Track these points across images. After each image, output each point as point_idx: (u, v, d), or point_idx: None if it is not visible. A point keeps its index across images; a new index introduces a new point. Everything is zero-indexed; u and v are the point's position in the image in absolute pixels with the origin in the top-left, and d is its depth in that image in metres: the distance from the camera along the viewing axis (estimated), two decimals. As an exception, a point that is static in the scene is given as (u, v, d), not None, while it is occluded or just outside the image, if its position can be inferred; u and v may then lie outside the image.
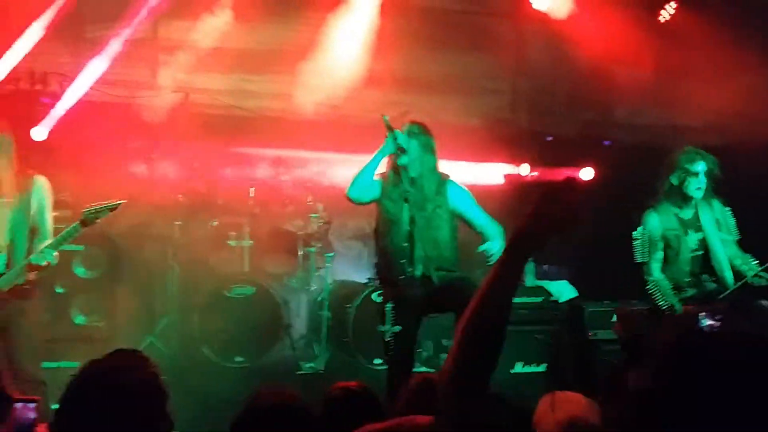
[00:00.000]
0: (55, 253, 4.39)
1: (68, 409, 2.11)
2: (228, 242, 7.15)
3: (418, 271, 4.77)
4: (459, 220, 5.02)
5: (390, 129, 4.81)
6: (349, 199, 4.98)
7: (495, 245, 4.75)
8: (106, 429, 2.05)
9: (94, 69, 7.16)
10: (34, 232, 4.49)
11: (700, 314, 4.52)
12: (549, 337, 6.49)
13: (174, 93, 7.64)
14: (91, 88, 7.35)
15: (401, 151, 4.82)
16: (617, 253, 6.12)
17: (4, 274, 4.37)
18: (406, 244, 4.75)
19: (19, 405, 2.55)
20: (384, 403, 3.18)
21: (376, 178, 4.97)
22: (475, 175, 7.82)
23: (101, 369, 2.14)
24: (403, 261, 4.74)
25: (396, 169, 4.89)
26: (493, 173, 8.29)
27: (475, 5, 8.24)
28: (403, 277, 4.73)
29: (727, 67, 7.51)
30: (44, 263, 4.34)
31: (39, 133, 6.90)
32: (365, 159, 5.06)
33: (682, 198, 5.27)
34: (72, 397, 2.11)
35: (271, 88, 7.83)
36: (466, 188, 5.11)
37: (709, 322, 4.16)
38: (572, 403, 2.59)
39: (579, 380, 5.97)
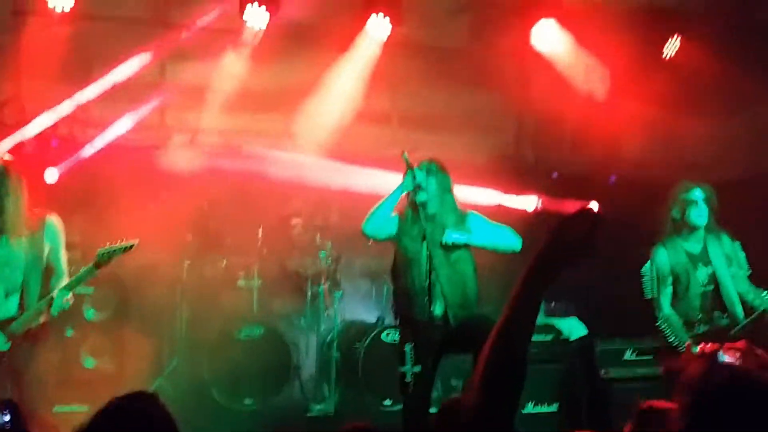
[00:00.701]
0: (69, 296, 4.39)
1: None
2: (237, 282, 7.15)
3: (439, 310, 4.74)
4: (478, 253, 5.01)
5: (409, 166, 4.81)
6: (365, 235, 4.95)
7: None
8: None
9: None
10: (48, 273, 4.49)
11: (718, 351, 4.47)
12: (561, 376, 6.42)
13: (181, 134, 7.69)
14: (98, 129, 7.42)
15: (419, 188, 4.82)
16: (626, 290, 6.10)
17: (18, 317, 4.36)
18: (426, 283, 4.72)
19: None
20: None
21: (393, 215, 4.96)
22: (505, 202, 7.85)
23: (116, 412, 2.13)
24: (424, 300, 4.71)
25: (414, 207, 4.88)
26: (524, 202, 8.28)
27: (479, 43, 8.29)
28: (422, 317, 4.70)
29: (732, 101, 7.55)
30: (59, 309, 4.33)
31: (51, 175, 6.94)
32: (374, 197, 5.07)
33: (687, 229, 5.26)
34: None
35: (278, 127, 7.87)
36: (483, 217, 5.10)
37: (728, 359, 4.11)
38: None
39: (592, 420, 5.90)
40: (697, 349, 4.75)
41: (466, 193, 6.88)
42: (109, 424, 2.11)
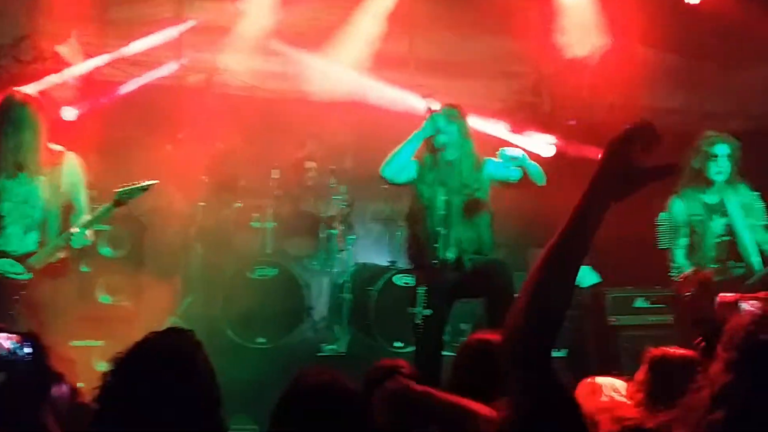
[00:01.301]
0: (89, 233, 4.44)
1: (122, 388, 2.00)
2: (251, 224, 7.19)
3: (453, 255, 4.76)
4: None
5: (430, 111, 4.78)
6: (383, 179, 4.93)
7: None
8: (162, 412, 1.96)
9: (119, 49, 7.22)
10: (68, 210, 4.53)
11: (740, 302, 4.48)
12: (570, 322, 6.46)
13: (198, 74, 7.66)
14: (116, 68, 7.40)
15: (439, 133, 4.80)
16: (640, 239, 6.09)
17: (37, 251, 4.41)
18: (440, 229, 4.73)
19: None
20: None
21: (412, 159, 4.94)
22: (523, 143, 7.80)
23: (165, 348, 2.07)
24: (437, 246, 4.73)
25: (433, 153, 4.86)
26: (541, 144, 8.19)
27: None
28: (436, 261, 4.73)
29: (754, 51, 7.42)
30: (79, 245, 4.38)
31: (69, 113, 6.93)
32: (389, 142, 5.06)
33: (704, 182, 5.23)
34: (129, 375, 2.01)
35: (294, 69, 7.81)
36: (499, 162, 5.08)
37: (749, 308, 4.11)
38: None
39: (601, 367, 5.95)
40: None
41: (484, 126, 6.86)
42: (147, 357, 2.05)
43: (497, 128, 7.80)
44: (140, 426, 1.94)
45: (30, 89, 4.59)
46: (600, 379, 2.93)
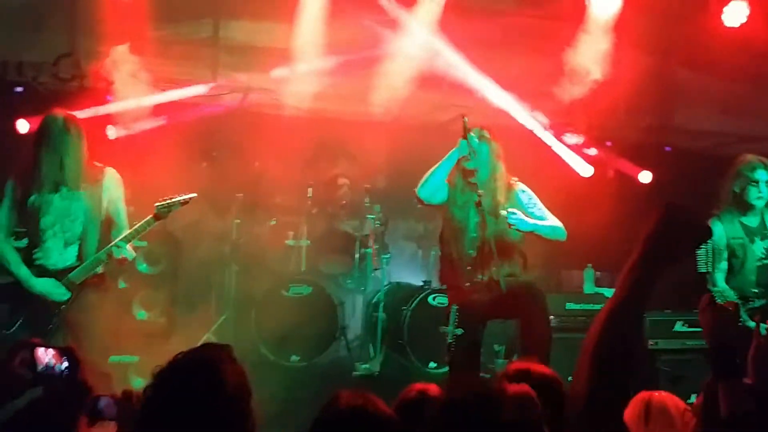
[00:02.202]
0: (130, 247, 4.48)
1: (158, 399, 2.09)
2: (286, 242, 7.22)
3: (486, 277, 4.73)
4: None
5: (467, 131, 4.76)
6: (419, 199, 4.90)
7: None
8: (197, 424, 2.04)
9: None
10: (107, 225, 4.59)
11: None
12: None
13: (233, 93, 7.73)
14: (152, 85, 7.49)
15: (472, 154, 4.78)
16: (679, 262, 6.00)
17: (77, 266, 4.46)
18: (472, 251, 4.72)
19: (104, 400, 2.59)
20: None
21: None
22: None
23: (195, 361, 2.13)
24: (469, 268, 4.71)
25: (464, 174, 4.84)
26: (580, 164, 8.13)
27: (534, 9, 8.15)
28: (469, 283, 4.71)
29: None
30: (120, 256, 4.43)
31: (112, 131, 7.03)
32: (422, 161, 5.05)
33: (744, 206, 5.17)
34: (164, 387, 2.09)
35: (331, 88, 7.85)
36: (532, 192, 5.05)
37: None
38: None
39: (638, 390, 5.86)
40: (765, 327, 4.66)
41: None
42: (183, 373, 2.11)
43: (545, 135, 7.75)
44: None
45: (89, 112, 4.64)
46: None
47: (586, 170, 8.03)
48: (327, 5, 7.17)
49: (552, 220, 4.93)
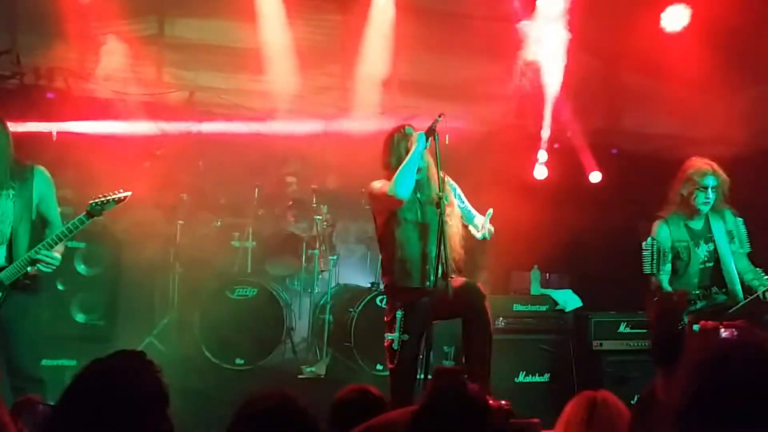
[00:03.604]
0: (56, 252, 4.32)
1: (68, 409, 2.07)
2: (231, 243, 7.12)
3: (435, 277, 4.64)
4: None
5: (433, 130, 4.66)
6: (396, 200, 4.66)
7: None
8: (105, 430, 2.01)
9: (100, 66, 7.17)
10: (41, 225, 4.43)
11: (720, 329, 4.45)
12: (553, 347, 6.41)
13: (179, 91, 7.60)
14: (95, 84, 7.33)
15: (438, 152, 4.69)
16: (622, 263, 6.06)
17: (5, 267, 4.30)
18: (432, 250, 4.63)
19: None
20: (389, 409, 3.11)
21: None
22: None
23: (104, 370, 2.11)
24: (426, 266, 4.65)
25: (419, 172, 4.77)
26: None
27: (484, 10, 8.18)
28: (418, 285, 4.64)
29: (736, 78, 7.45)
30: (47, 264, 4.27)
31: (54, 131, 6.86)
32: (372, 162, 4.98)
33: (691, 210, 5.21)
34: (72, 397, 2.08)
35: (277, 88, 7.77)
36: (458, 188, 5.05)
37: (727, 335, 4.09)
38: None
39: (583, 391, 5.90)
40: (698, 327, 4.72)
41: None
42: (95, 382, 2.10)
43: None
44: None
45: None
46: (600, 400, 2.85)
47: (539, 173, 8.09)
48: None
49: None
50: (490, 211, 4.82)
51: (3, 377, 4.19)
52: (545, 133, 8.06)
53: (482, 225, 4.81)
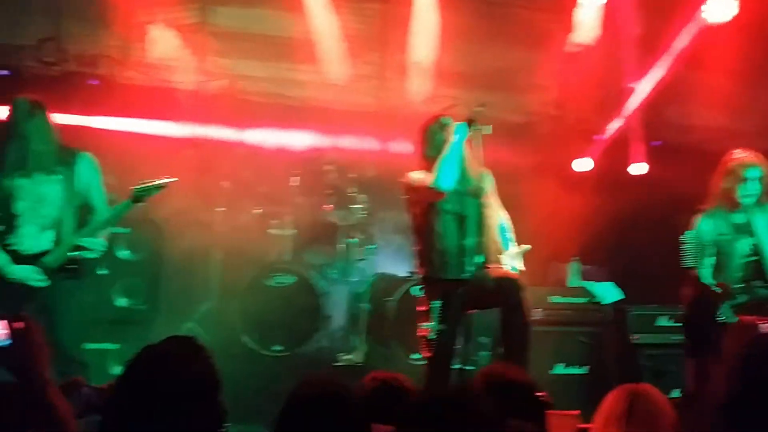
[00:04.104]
0: (105, 234, 4.41)
1: (122, 395, 2.10)
2: (270, 231, 7.16)
3: (474, 267, 4.64)
4: None
5: (474, 121, 4.63)
6: (436, 192, 4.65)
7: None
8: (161, 418, 2.04)
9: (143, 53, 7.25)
10: (87, 210, 4.52)
11: (759, 323, 4.40)
12: (591, 339, 6.37)
13: (220, 80, 7.66)
14: (138, 72, 7.42)
15: (477, 143, 4.67)
16: (662, 256, 5.99)
17: (52, 251, 4.39)
18: (471, 241, 4.62)
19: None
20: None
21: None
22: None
23: (156, 355, 2.14)
24: (466, 258, 4.64)
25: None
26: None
27: (526, 0, 8.12)
28: (456, 275, 4.63)
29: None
30: (90, 249, 4.36)
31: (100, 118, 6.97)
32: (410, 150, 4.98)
33: (733, 203, 5.13)
34: (126, 383, 2.11)
35: (318, 78, 7.80)
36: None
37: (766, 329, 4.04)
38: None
39: (621, 384, 5.85)
40: (736, 320, 4.67)
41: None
42: (149, 367, 2.13)
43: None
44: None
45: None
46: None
47: (582, 164, 8.03)
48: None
49: None
50: (527, 247, 4.81)
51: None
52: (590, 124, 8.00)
53: (513, 256, 4.79)
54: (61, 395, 2.44)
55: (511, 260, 4.86)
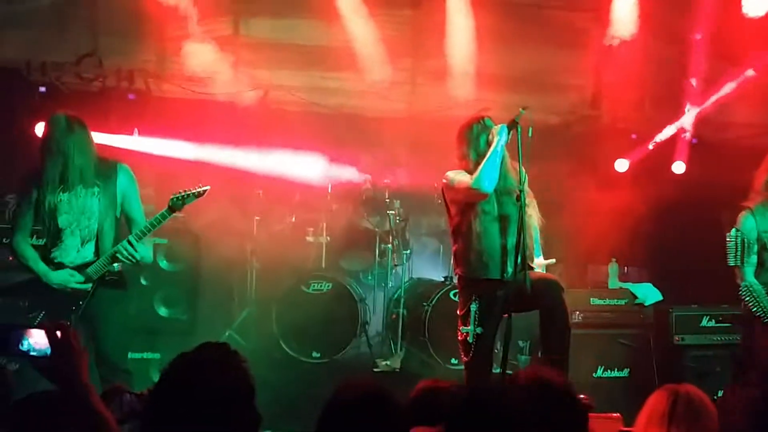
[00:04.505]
0: (147, 244, 4.48)
1: (157, 402, 2.13)
2: (306, 238, 7.20)
3: (511, 270, 4.59)
4: None
5: (516, 124, 4.61)
6: (478, 193, 4.61)
7: None
8: (195, 423, 2.06)
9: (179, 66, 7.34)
10: (126, 222, 4.59)
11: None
12: (633, 341, 6.29)
13: (254, 90, 7.72)
14: (175, 85, 7.51)
15: (520, 145, 4.63)
16: (704, 255, 5.89)
17: (94, 262, 4.47)
18: (512, 242, 4.57)
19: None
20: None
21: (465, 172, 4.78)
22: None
23: (190, 362, 2.16)
24: (506, 259, 4.60)
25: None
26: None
27: (557, 0, 8.07)
28: (495, 277, 4.61)
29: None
30: (129, 258, 4.43)
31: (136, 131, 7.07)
32: (442, 155, 4.97)
33: (777, 199, 5.03)
34: (161, 391, 2.13)
35: (350, 86, 7.83)
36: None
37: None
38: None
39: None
40: None
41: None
42: (183, 374, 2.14)
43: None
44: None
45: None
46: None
47: (621, 165, 7.95)
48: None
49: None
50: (552, 261, 4.87)
51: (92, 368, 4.35)
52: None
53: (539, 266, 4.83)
54: (103, 402, 2.47)
55: (538, 269, 4.84)
